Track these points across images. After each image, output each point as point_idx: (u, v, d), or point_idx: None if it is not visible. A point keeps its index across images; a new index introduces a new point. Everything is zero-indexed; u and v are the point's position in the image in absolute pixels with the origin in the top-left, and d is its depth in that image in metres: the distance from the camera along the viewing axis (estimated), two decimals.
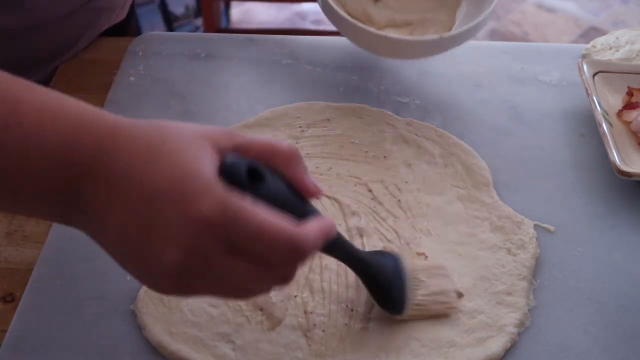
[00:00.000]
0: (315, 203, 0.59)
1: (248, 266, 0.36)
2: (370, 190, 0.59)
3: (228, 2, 2.14)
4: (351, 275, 0.52)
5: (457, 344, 0.48)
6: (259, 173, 0.38)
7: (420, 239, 0.55)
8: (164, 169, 0.35)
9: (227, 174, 0.36)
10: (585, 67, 0.67)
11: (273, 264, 0.37)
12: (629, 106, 0.64)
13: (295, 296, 0.51)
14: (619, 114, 0.64)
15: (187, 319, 0.49)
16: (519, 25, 2.27)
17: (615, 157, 0.58)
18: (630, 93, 0.66)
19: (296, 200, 0.40)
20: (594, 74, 0.67)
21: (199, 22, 2.07)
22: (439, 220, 0.57)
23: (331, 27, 0.69)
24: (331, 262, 0.53)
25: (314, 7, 2.38)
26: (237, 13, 2.36)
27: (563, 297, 0.52)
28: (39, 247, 0.55)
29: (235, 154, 0.38)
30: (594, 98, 0.64)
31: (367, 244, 0.54)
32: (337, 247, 0.44)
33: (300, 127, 0.65)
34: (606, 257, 0.55)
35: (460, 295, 0.50)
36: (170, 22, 2.02)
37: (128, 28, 0.88)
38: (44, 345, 0.48)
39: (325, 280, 0.52)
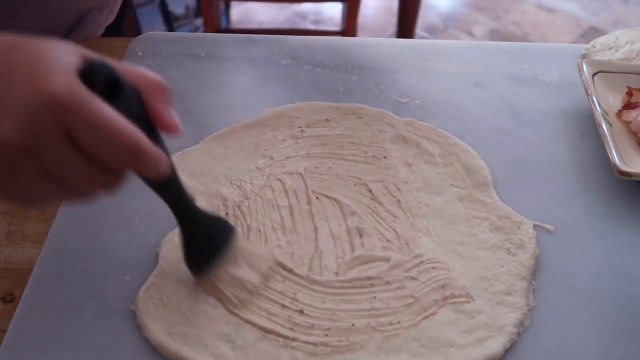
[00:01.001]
0: (315, 203, 0.59)
1: (81, 159, 0.35)
2: (370, 190, 0.59)
3: (228, 2, 2.14)
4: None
5: (456, 344, 0.48)
6: (119, 87, 0.36)
7: (420, 239, 0.55)
8: (18, 56, 0.35)
9: (86, 75, 0.35)
10: (585, 67, 0.67)
11: (108, 161, 0.36)
12: (628, 106, 0.64)
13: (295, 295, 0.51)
14: (619, 114, 0.64)
15: (187, 319, 0.49)
16: (519, 25, 2.27)
17: (615, 157, 0.58)
18: (630, 93, 0.66)
19: (150, 130, 0.38)
20: (594, 74, 0.67)
21: (199, 22, 2.07)
22: (439, 220, 0.57)
23: (331, 27, 0.69)
24: (331, 262, 0.53)
25: (314, 7, 2.39)
26: (237, 13, 2.36)
27: (563, 297, 0.52)
28: (38, 247, 0.55)
29: (102, 60, 0.36)
30: (594, 98, 0.64)
31: (366, 244, 0.54)
32: (171, 188, 0.44)
33: (300, 127, 0.65)
34: (606, 257, 0.55)
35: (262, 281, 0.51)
36: (170, 22, 2.02)
37: (119, 30, 0.87)
38: (44, 345, 0.48)
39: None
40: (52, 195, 0.38)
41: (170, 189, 0.45)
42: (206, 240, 0.49)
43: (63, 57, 0.35)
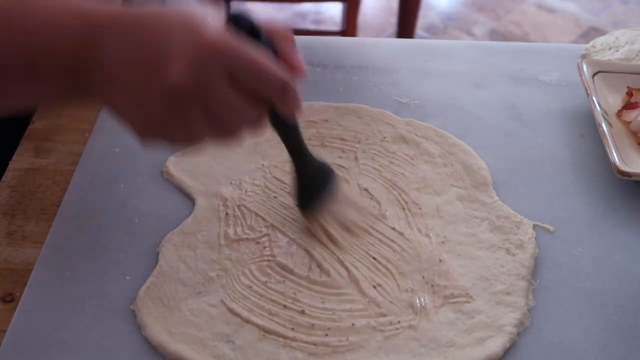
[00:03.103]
0: None
1: (240, 98, 0.40)
2: (369, 191, 0.59)
3: (228, 2, 2.14)
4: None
5: (456, 344, 0.48)
6: (256, 31, 0.42)
7: (419, 239, 0.55)
8: (170, 14, 0.40)
9: (232, 22, 0.41)
10: (585, 67, 0.67)
11: (264, 95, 0.41)
12: (628, 106, 0.64)
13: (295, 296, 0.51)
14: (619, 114, 0.64)
15: (186, 319, 0.49)
16: (519, 25, 2.27)
17: (614, 157, 0.58)
18: (629, 93, 0.66)
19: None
20: (594, 74, 0.67)
21: None
22: (439, 220, 0.57)
23: (331, 27, 0.69)
24: (331, 262, 0.53)
25: (314, 7, 2.39)
26: None
27: (563, 297, 0.52)
28: (38, 247, 0.55)
29: (243, 11, 0.42)
30: (594, 98, 0.64)
31: (366, 243, 0.54)
32: (296, 132, 0.51)
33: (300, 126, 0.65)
34: (606, 257, 0.55)
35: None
36: None
37: None
38: (44, 345, 0.48)
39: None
40: (210, 134, 0.43)
41: (295, 132, 0.51)
42: (317, 184, 0.54)
43: (211, 11, 0.41)
